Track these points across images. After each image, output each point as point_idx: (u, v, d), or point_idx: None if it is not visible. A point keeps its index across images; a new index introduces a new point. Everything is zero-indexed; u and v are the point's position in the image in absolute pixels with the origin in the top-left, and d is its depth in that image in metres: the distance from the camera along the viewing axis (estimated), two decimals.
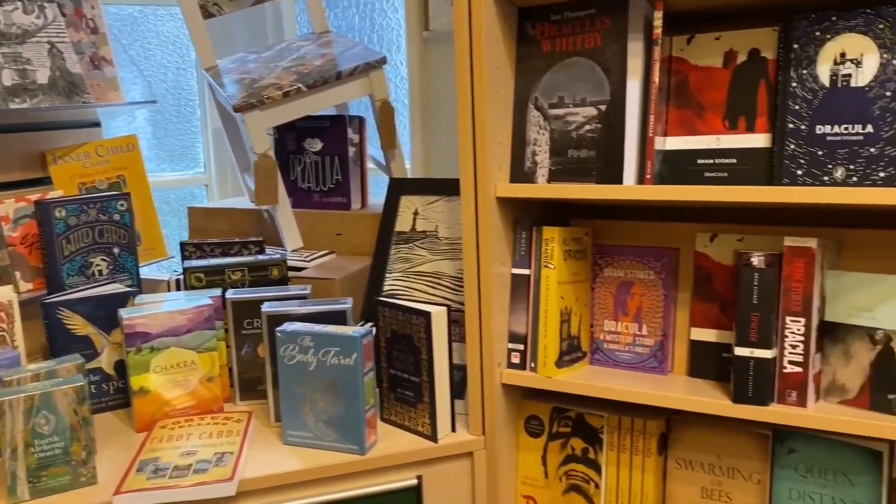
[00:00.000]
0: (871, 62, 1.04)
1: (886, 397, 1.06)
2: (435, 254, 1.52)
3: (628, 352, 1.33)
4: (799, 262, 1.08)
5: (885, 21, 1.03)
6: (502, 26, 1.22)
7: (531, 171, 1.26)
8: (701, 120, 1.20)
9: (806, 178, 1.08)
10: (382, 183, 1.75)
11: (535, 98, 1.25)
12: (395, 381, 1.30)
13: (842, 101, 1.05)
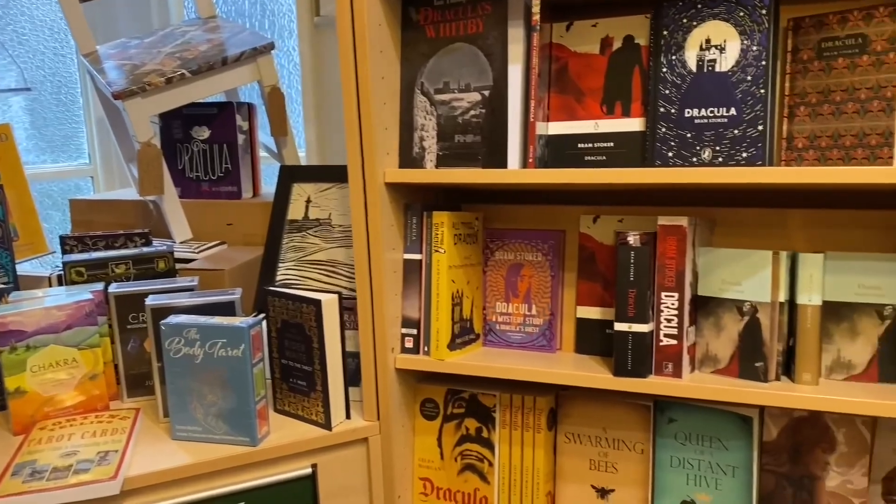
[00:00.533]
0: (734, 48, 1.09)
1: (753, 365, 1.13)
2: (329, 242, 1.51)
3: (519, 332, 1.36)
4: (671, 240, 1.14)
5: (744, 9, 1.08)
6: (385, 11, 1.22)
7: (419, 157, 1.26)
8: (580, 105, 1.24)
9: (676, 159, 1.13)
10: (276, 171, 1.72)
11: (422, 83, 1.25)
12: (288, 370, 1.28)
13: (708, 86, 1.11)
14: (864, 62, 1.06)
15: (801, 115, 1.12)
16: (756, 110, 1.08)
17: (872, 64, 1.06)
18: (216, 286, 1.51)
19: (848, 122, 1.08)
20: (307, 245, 1.52)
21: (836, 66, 1.09)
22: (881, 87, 1.05)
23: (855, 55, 1.07)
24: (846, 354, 1.15)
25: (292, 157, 1.77)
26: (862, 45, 1.07)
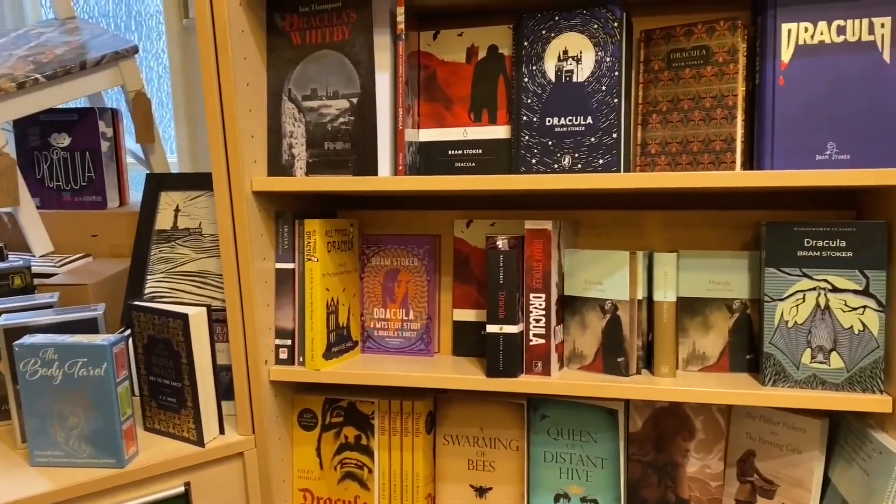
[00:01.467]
0: (589, 59, 1.14)
1: (616, 360, 1.19)
2: (199, 252, 1.47)
3: (397, 337, 1.37)
4: (538, 244, 1.17)
5: (598, 21, 1.13)
6: (249, 16, 1.19)
7: (289, 164, 1.25)
8: (449, 112, 1.26)
9: (539, 165, 1.17)
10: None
11: (289, 90, 1.24)
12: (156, 387, 1.24)
13: (566, 95, 1.15)
14: (708, 73, 1.14)
15: (654, 122, 1.18)
16: (611, 119, 1.13)
17: (715, 74, 1.13)
18: (80, 302, 1.44)
19: (695, 129, 1.15)
20: (177, 256, 1.47)
21: (684, 77, 1.15)
22: (723, 96, 1.12)
23: (700, 66, 1.14)
24: (700, 347, 1.22)
25: (161, 163, 1.70)
26: (706, 56, 1.14)
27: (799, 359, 1.11)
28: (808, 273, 1.10)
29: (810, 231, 1.10)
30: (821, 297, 1.10)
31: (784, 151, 1.08)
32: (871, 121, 1.05)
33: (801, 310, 1.11)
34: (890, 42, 1.04)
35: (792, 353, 1.11)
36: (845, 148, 1.06)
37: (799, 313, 1.11)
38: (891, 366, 1.06)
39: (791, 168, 1.08)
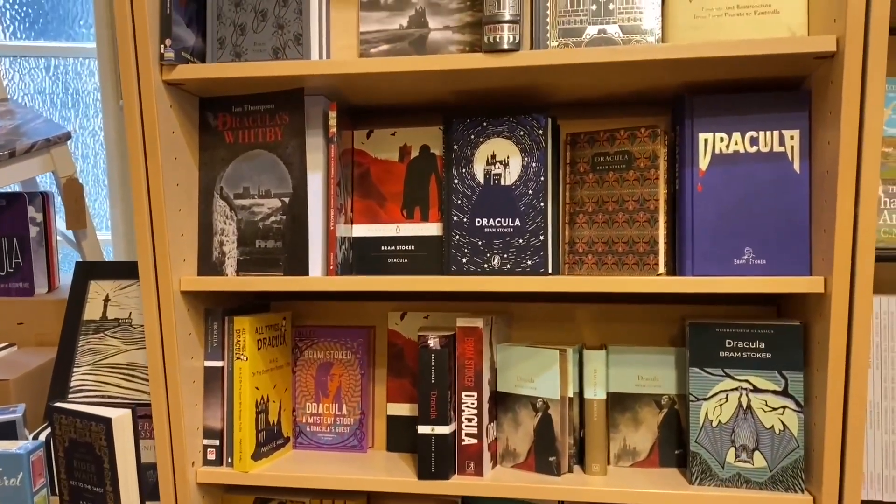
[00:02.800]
0: (516, 164, 1.17)
1: (548, 459, 1.19)
2: (129, 343, 1.43)
3: (330, 433, 1.35)
4: (469, 341, 1.18)
5: (524, 129, 1.17)
6: (181, 117, 1.20)
7: (219, 261, 1.24)
8: (383, 209, 1.27)
9: (469, 265, 1.19)
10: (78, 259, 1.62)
11: (221, 188, 1.24)
12: (78, 492, 1.19)
13: (495, 198, 1.18)
14: (630, 177, 1.17)
15: (580, 222, 1.21)
16: (538, 222, 1.16)
17: (637, 179, 1.17)
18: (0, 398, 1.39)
19: (619, 230, 1.18)
20: (105, 347, 1.44)
21: (608, 179, 1.19)
22: (646, 199, 1.16)
23: (623, 170, 1.18)
24: (631, 442, 1.24)
25: (93, 248, 1.67)
26: (628, 161, 1.18)
27: (724, 458, 1.12)
28: (730, 373, 1.13)
29: (731, 332, 1.13)
30: (743, 396, 1.12)
31: (703, 255, 1.12)
32: (784, 227, 1.10)
33: (725, 409, 1.13)
34: (799, 153, 1.10)
35: (717, 452, 1.13)
36: (761, 253, 1.10)
37: (723, 412, 1.13)
38: (811, 465, 1.09)
39: (711, 272, 1.11)
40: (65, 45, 2.06)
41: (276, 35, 1.15)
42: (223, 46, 1.16)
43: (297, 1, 1.14)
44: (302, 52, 1.14)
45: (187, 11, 1.15)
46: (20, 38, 2.05)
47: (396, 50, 1.24)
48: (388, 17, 1.25)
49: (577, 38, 1.17)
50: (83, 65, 2.08)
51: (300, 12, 1.14)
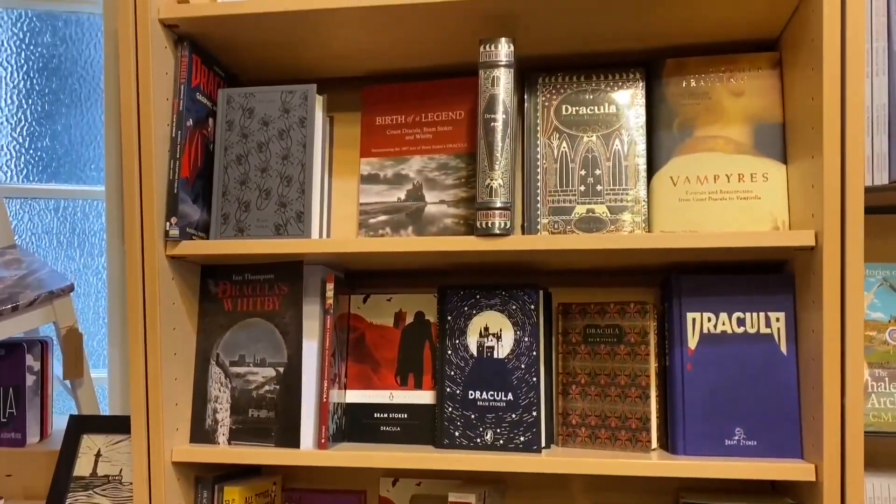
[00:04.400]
0: (509, 337, 1.19)
1: None
2: (117, 503, 1.41)
3: None
4: None
5: (516, 303, 1.20)
6: (182, 287, 1.23)
7: (212, 429, 1.24)
8: (377, 375, 1.28)
9: (462, 439, 1.19)
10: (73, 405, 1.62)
11: (217, 355, 1.25)
12: None
13: (487, 371, 1.19)
14: (621, 351, 1.19)
15: (574, 393, 1.22)
16: (530, 397, 1.17)
17: (628, 353, 1.18)
18: None
19: (612, 404, 1.19)
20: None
21: (600, 352, 1.21)
22: (637, 375, 1.17)
23: (614, 343, 1.20)
24: None
25: (89, 398, 1.67)
26: (619, 335, 1.20)
27: None
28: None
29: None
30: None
31: (695, 435, 1.12)
32: (774, 409, 1.10)
33: None
34: (785, 336, 1.12)
35: None
36: (752, 434, 1.11)
37: None
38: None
39: (702, 451, 1.11)
40: (75, 189, 2.13)
41: (279, 212, 1.19)
42: (227, 222, 1.21)
43: (300, 181, 1.19)
44: (303, 229, 1.18)
45: (194, 189, 1.20)
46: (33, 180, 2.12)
47: (394, 221, 1.29)
48: (387, 191, 1.31)
49: (566, 216, 1.22)
50: (91, 206, 2.14)
51: (302, 192, 1.19)
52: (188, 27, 1.18)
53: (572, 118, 1.25)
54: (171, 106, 1.19)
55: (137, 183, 1.15)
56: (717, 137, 1.19)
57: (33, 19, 2.09)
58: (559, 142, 1.25)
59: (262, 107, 1.22)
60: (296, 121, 1.21)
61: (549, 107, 1.26)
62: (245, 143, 1.22)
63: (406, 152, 1.31)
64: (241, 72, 1.37)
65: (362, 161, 1.33)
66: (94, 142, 2.15)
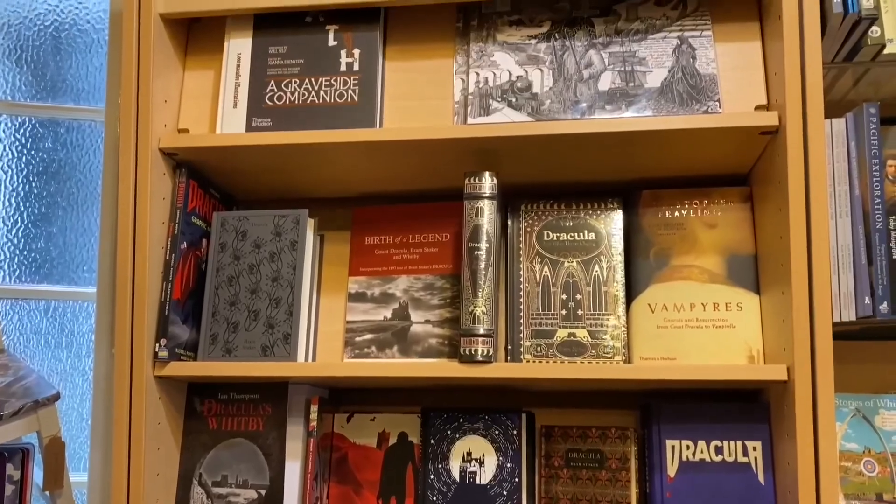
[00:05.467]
0: (491, 463, 1.20)
1: None
2: None
3: None
4: None
5: (499, 427, 1.21)
6: (168, 406, 1.24)
7: None
8: (359, 497, 1.28)
9: None
10: None
11: (200, 475, 1.25)
12: None
13: (470, 496, 1.20)
14: (602, 477, 1.20)
15: None
16: None
17: (609, 479, 1.19)
18: None
19: None
20: None
21: (581, 477, 1.22)
22: (618, 502, 1.18)
23: (596, 469, 1.21)
24: None
25: None
26: (600, 460, 1.21)
27: None
28: None
29: None
30: None
31: None
32: None
33: None
34: (763, 465, 1.14)
35: None
36: None
37: None
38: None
39: None
40: (66, 290, 2.16)
41: (267, 334, 1.22)
42: (215, 342, 1.23)
43: (289, 303, 1.22)
44: (289, 350, 1.21)
45: (185, 309, 1.23)
46: (25, 281, 2.15)
47: (379, 340, 1.32)
48: (373, 309, 1.34)
49: (548, 339, 1.25)
50: (81, 307, 2.16)
51: (290, 313, 1.22)
52: (187, 155, 1.24)
53: (554, 244, 1.29)
54: (166, 230, 1.23)
55: (129, 305, 1.18)
56: (692, 267, 1.24)
57: (36, 126, 2.16)
58: (541, 266, 1.29)
59: (255, 230, 1.26)
60: (287, 244, 1.25)
61: (531, 232, 1.31)
62: (237, 264, 1.25)
63: (393, 272, 1.35)
64: (236, 192, 1.42)
65: (350, 279, 1.36)
66: (89, 244, 2.19)
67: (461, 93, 1.22)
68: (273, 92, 1.24)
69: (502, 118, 1.19)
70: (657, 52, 1.18)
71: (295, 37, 1.25)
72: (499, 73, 1.21)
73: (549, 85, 1.19)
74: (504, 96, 1.20)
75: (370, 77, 1.22)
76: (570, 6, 1.23)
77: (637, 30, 1.20)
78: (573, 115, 1.17)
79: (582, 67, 1.19)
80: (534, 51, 1.21)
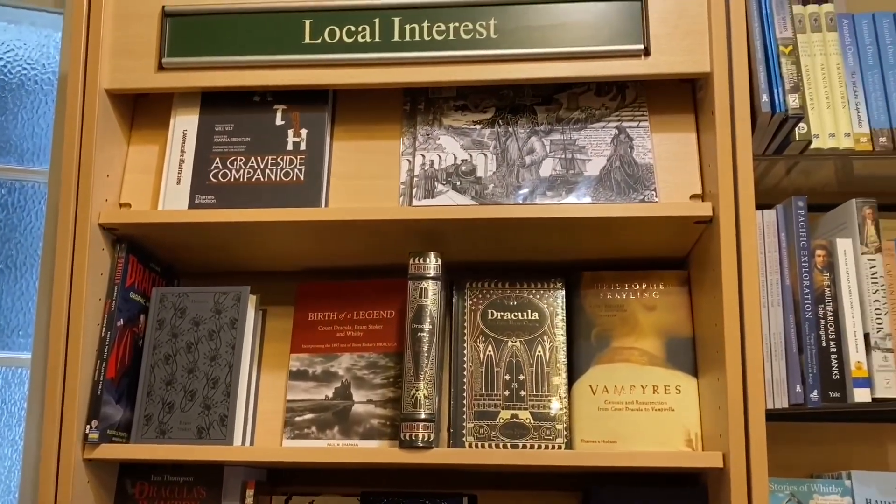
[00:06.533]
0: None
1: None
2: None
3: None
4: None
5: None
6: (97, 490, 1.19)
7: None
8: None
9: None
10: None
11: None
12: None
13: None
14: None
15: None
16: None
17: None
18: None
19: None
20: None
21: None
22: None
23: None
24: None
25: None
26: None
27: None
28: None
29: None
30: None
31: None
32: None
33: None
34: None
35: None
36: None
37: None
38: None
39: None
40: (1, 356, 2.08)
41: (203, 415, 1.19)
42: (149, 423, 1.20)
43: (227, 383, 1.20)
44: (225, 433, 1.18)
45: (118, 389, 1.20)
46: None
47: (320, 420, 1.29)
48: (314, 388, 1.32)
49: (490, 420, 1.25)
50: (14, 373, 2.09)
51: (228, 394, 1.19)
52: (127, 230, 1.22)
53: (498, 323, 1.30)
54: (103, 306, 1.20)
55: (60, 385, 1.14)
56: (632, 349, 1.26)
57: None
58: (485, 345, 1.29)
59: (195, 307, 1.24)
60: (227, 321, 1.23)
61: (475, 311, 1.31)
62: (175, 342, 1.23)
63: (336, 349, 1.33)
64: (178, 266, 1.40)
65: (292, 356, 1.34)
66: (26, 308, 2.12)
67: (407, 174, 1.23)
68: (218, 169, 1.24)
69: (447, 201, 1.20)
70: (596, 141, 1.21)
71: (242, 115, 1.26)
72: (444, 156, 1.23)
73: (492, 169, 1.22)
74: (449, 179, 1.22)
75: (317, 156, 1.23)
76: (514, 94, 1.26)
77: (577, 119, 1.23)
78: (515, 200, 1.19)
79: (524, 154, 1.22)
80: (478, 136, 1.24)
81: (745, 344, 1.07)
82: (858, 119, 1.19)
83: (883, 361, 1.10)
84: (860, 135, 1.18)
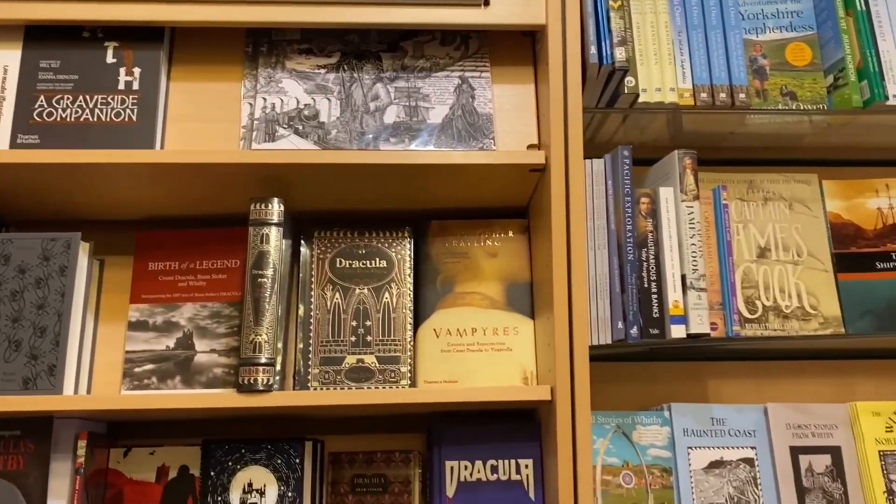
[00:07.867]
0: (272, 493, 1.19)
1: None
2: None
3: None
4: None
5: (281, 457, 1.20)
6: None
7: None
8: None
9: None
10: None
11: None
12: None
13: None
14: (386, 501, 1.22)
15: None
16: None
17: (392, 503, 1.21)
18: None
19: None
20: None
21: (366, 502, 1.23)
22: None
23: (379, 493, 1.23)
24: None
25: None
26: (384, 484, 1.23)
27: None
28: None
29: None
30: None
31: None
32: None
33: None
34: (533, 482, 1.20)
35: None
36: None
37: None
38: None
39: None
40: None
41: (29, 365, 1.13)
42: None
43: (55, 332, 1.15)
44: (54, 383, 1.13)
45: None
46: None
47: (161, 371, 1.26)
48: (155, 339, 1.28)
49: (336, 366, 1.26)
50: None
51: (57, 343, 1.14)
52: None
53: (345, 271, 1.31)
54: None
55: None
56: (475, 293, 1.30)
57: None
58: (332, 293, 1.30)
59: (20, 254, 1.18)
60: (56, 269, 1.17)
61: (323, 259, 1.31)
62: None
63: (178, 299, 1.30)
64: (4, 212, 1.32)
65: (131, 307, 1.30)
66: None
67: (248, 118, 1.21)
68: (43, 108, 1.17)
69: (288, 145, 1.19)
70: (440, 90, 1.23)
71: (70, 51, 1.19)
72: (286, 99, 1.22)
73: (336, 115, 1.22)
74: (291, 123, 1.21)
75: (150, 97, 1.18)
76: (360, 40, 1.26)
77: (422, 67, 1.25)
78: (358, 146, 1.20)
79: (369, 100, 1.23)
80: (322, 80, 1.23)
81: (571, 284, 1.13)
82: (683, 75, 1.26)
83: (697, 300, 1.19)
84: (683, 90, 1.25)
